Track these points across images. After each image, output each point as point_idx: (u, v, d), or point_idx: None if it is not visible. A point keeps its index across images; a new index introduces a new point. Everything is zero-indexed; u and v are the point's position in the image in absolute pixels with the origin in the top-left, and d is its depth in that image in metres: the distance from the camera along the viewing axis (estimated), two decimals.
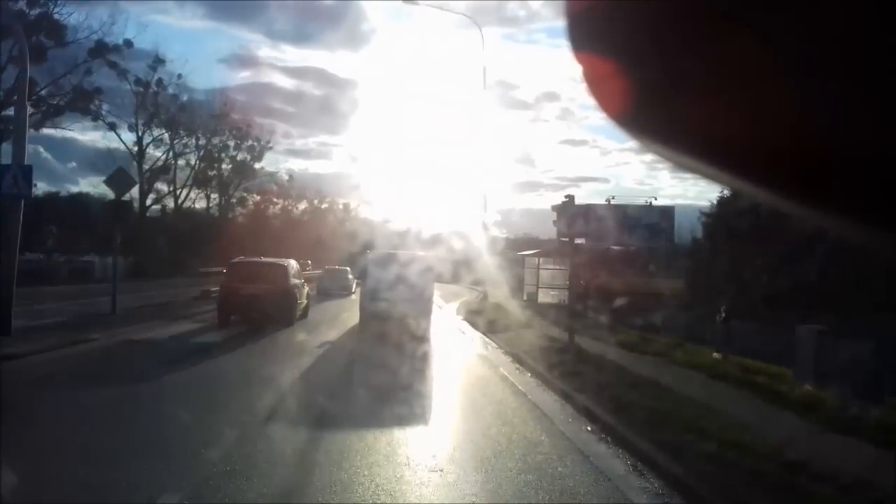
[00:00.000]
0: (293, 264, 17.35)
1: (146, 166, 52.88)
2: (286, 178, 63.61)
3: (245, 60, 79.08)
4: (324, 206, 66.86)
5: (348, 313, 18.25)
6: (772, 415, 7.56)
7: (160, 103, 51.77)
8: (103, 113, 47.18)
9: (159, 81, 51.20)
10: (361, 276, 19.40)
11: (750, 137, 0.44)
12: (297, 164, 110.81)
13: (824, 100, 0.41)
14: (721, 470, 5.30)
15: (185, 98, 52.52)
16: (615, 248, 23.57)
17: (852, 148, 0.41)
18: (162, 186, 54.56)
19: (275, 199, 63.65)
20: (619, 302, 18.93)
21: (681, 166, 0.51)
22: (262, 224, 55.44)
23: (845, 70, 0.40)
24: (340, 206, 66.25)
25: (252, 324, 14.77)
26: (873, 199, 0.42)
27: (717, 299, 15.15)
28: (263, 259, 17.72)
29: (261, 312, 14.78)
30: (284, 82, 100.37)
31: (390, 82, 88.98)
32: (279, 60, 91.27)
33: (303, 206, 66.10)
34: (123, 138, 50.80)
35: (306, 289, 18.19)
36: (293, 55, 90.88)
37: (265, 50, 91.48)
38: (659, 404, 7.52)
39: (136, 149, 51.03)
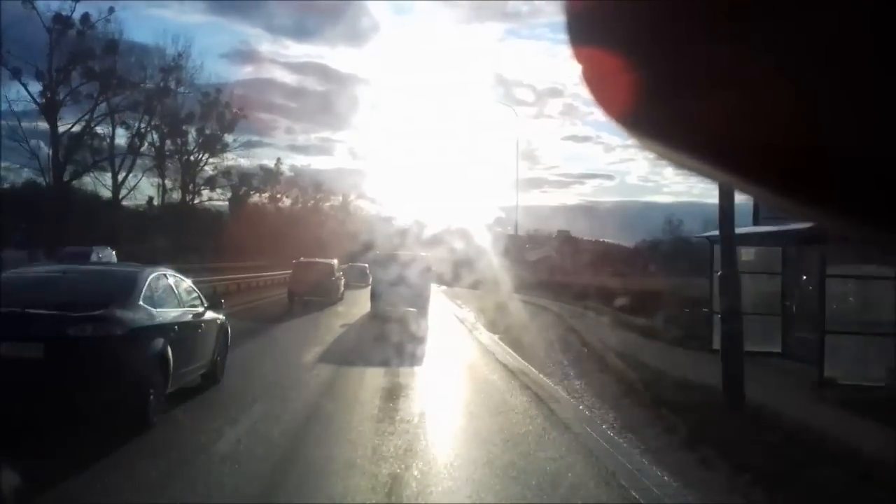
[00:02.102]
0: (336, 263, 25.75)
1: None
2: (274, 164, 54.12)
3: (246, 56, 78.23)
4: (318, 196, 58.28)
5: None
6: None
7: (86, 46, 37.33)
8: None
9: (85, 18, 37.03)
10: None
11: (750, 137, 0.44)
12: (298, 160, 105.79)
13: (825, 99, 0.41)
14: None
15: (119, 40, 38.45)
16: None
17: (853, 147, 0.41)
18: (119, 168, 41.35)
19: (262, 189, 53.84)
20: None
21: (679, 165, 0.51)
22: (245, 216, 47.10)
23: (846, 70, 0.40)
24: (339, 199, 59.00)
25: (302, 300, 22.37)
26: (874, 198, 0.42)
27: None
28: (318, 259, 25.25)
29: (316, 294, 22.58)
30: (286, 78, 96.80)
31: (392, 78, 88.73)
32: (280, 56, 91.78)
33: (294, 194, 57.22)
34: (32, 90, 37.00)
35: (343, 279, 26.73)
36: (295, 50, 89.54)
37: (266, 45, 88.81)
38: None
39: (46, 103, 37.05)
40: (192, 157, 47.79)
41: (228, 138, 47.94)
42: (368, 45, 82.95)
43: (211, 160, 48.63)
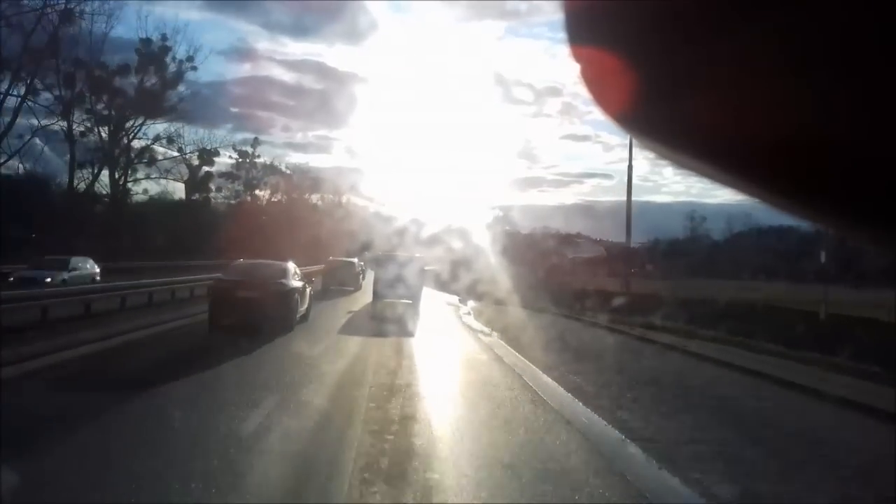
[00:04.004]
0: (357, 260, 33.23)
1: None
2: (250, 147, 45.76)
3: (244, 53, 76.84)
4: (306, 184, 53.30)
5: None
6: None
7: None
8: None
9: None
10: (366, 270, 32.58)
11: (750, 137, 0.44)
12: (296, 159, 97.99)
13: (826, 98, 0.41)
14: None
15: None
16: None
17: (855, 147, 0.41)
18: None
19: (235, 174, 45.61)
20: None
21: (679, 165, 0.51)
22: (207, 206, 40.13)
23: (849, 68, 0.39)
24: (331, 194, 54.94)
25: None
26: (875, 199, 0.42)
27: None
28: (345, 259, 32.80)
29: (343, 284, 29.78)
30: (284, 76, 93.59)
31: (390, 76, 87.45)
32: (278, 54, 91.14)
33: (275, 183, 50.19)
34: None
35: (362, 273, 33.92)
36: (292, 48, 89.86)
37: (263, 43, 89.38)
38: None
39: None
40: (126, 123, 36.06)
41: (173, 96, 36.51)
42: (366, 43, 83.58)
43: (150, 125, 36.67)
